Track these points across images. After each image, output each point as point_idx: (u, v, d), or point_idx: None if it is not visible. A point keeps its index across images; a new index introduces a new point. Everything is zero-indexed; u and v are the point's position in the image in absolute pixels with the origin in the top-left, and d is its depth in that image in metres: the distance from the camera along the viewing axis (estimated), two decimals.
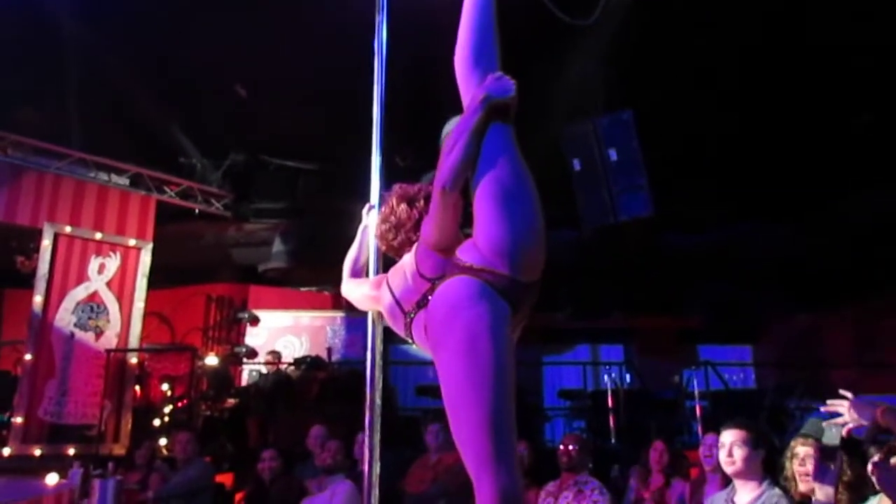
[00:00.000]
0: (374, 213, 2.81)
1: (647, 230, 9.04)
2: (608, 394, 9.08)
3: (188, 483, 5.84)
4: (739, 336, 14.24)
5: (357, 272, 2.95)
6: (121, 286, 9.27)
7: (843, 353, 12.30)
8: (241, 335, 12.44)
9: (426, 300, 2.32)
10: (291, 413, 8.83)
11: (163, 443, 8.13)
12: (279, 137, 10.17)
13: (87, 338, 8.88)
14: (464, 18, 2.48)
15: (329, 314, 12.79)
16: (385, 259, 2.77)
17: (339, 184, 9.64)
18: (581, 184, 7.71)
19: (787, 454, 3.32)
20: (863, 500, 2.94)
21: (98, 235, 9.17)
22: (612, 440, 8.69)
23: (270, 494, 5.65)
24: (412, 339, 2.44)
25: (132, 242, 9.45)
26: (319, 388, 9.74)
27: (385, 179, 2.91)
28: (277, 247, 11.05)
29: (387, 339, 2.83)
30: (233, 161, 10.71)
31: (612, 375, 9.55)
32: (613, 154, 7.32)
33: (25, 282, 9.03)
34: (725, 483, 3.75)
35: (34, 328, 8.53)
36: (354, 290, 2.84)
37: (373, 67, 2.94)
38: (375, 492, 2.58)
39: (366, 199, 2.93)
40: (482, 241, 2.19)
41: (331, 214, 8.95)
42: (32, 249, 8.91)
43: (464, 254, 2.24)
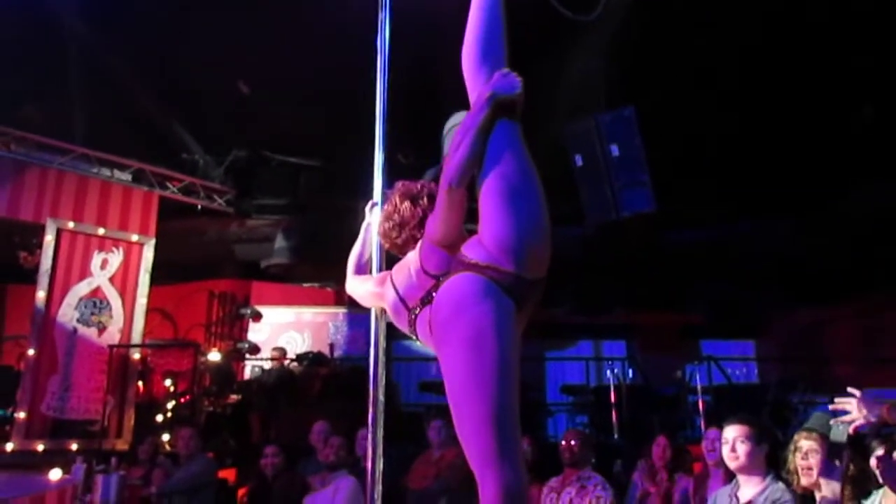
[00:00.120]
0: (377, 211, 2.81)
1: (650, 226, 9.04)
2: (611, 389, 9.06)
3: (191, 478, 5.86)
4: (742, 331, 14.23)
5: (361, 269, 2.94)
6: (123, 282, 9.28)
7: (846, 348, 12.30)
8: (244, 331, 12.46)
9: (430, 297, 2.32)
10: (294, 409, 8.84)
11: (166, 438, 8.16)
12: (281, 134, 10.16)
13: (90, 333, 8.89)
14: (472, 16, 2.47)
15: (331, 310, 12.81)
16: (388, 256, 2.77)
17: (342, 180, 9.65)
18: (583, 180, 7.71)
19: (791, 447, 3.32)
20: (866, 495, 2.94)
21: (101, 231, 9.18)
22: (615, 435, 8.68)
23: (273, 490, 5.66)
24: (416, 336, 2.44)
25: (135, 238, 9.45)
26: (322, 385, 9.75)
27: (387, 176, 2.91)
28: (280, 243, 11.05)
29: (389, 336, 2.84)
30: (235, 157, 10.70)
31: (615, 371, 9.54)
32: (615, 150, 7.31)
33: (28, 277, 9.04)
34: (729, 477, 3.76)
35: (37, 323, 8.54)
36: (359, 287, 2.84)
37: (375, 65, 2.94)
38: (378, 488, 2.59)
39: (368, 196, 2.93)
40: (487, 238, 2.19)
41: (333, 211, 8.97)
42: (35, 245, 8.92)
43: (469, 250, 2.23)
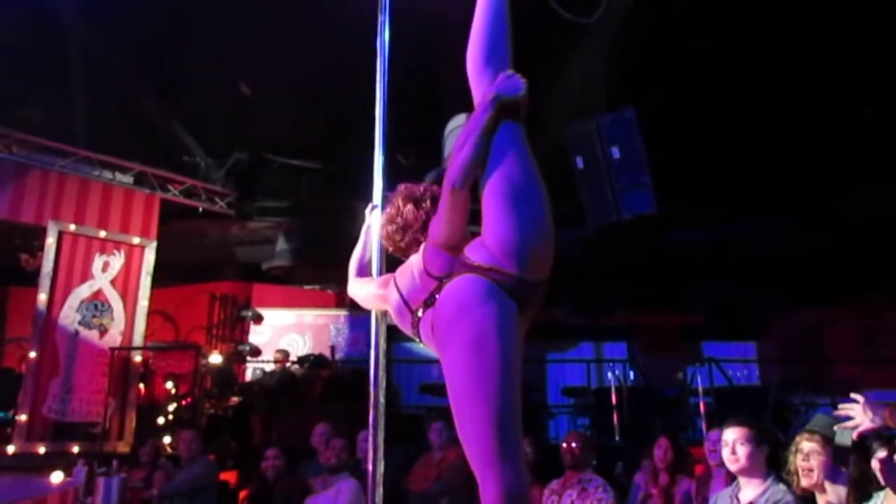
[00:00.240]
0: (377, 213, 2.81)
1: (651, 228, 9.04)
2: (612, 391, 9.05)
3: (192, 481, 5.86)
4: (743, 332, 14.22)
5: (362, 272, 2.94)
6: (125, 284, 9.29)
7: (847, 349, 12.29)
8: (245, 333, 12.46)
9: (433, 299, 2.32)
10: (295, 411, 8.83)
11: (167, 440, 8.15)
12: (282, 136, 10.17)
13: (92, 336, 8.90)
14: (477, 17, 2.46)
15: (332, 312, 12.81)
16: (389, 259, 2.76)
17: (342, 182, 9.65)
18: (584, 182, 7.70)
19: (792, 448, 3.32)
20: (868, 497, 2.94)
21: (102, 233, 9.20)
22: (616, 437, 8.67)
23: (274, 493, 5.65)
24: (419, 338, 2.44)
25: (136, 240, 9.47)
26: (323, 387, 9.75)
27: (387, 178, 2.91)
28: (281, 245, 11.05)
29: (390, 338, 2.83)
30: (236, 160, 10.71)
31: (616, 372, 9.52)
32: (616, 152, 7.31)
33: (30, 280, 9.06)
34: (731, 478, 3.75)
35: (38, 326, 8.55)
36: (360, 290, 2.83)
37: (375, 67, 2.94)
38: (379, 490, 2.59)
39: (369, 198, 2.93)
40: (490, 240, 2.18)
41: (334, 213, 8.97)
42: (37, 247, 8.93)
43: (472, 252, 2.23)
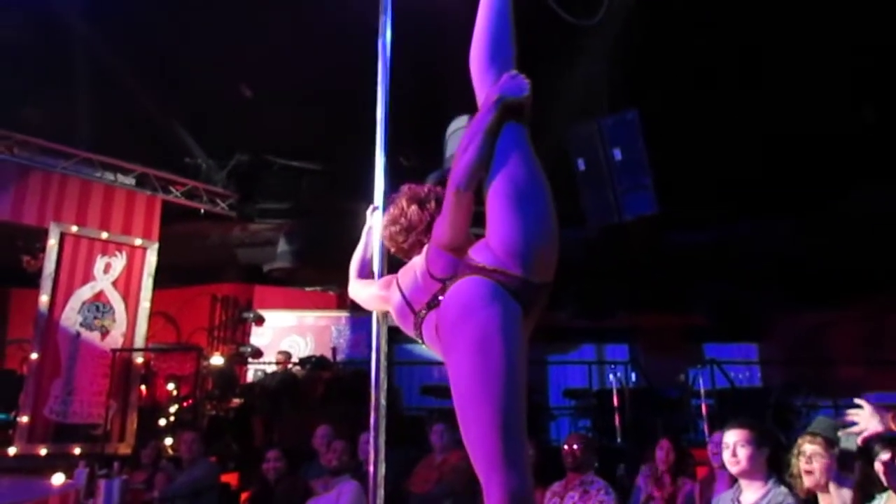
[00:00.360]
0: (379, 214, 2.80)
1: (652, 229, 9.03)
2: (613, 393, 9.04)
3: (193, 483, 5.86)
4: (745, 334, 14.19)
5: (364, 273, 2.93)
6: (126, 286, 9.30)
7: (849, 350, 12.27)
8: (247, 335, 12.46)
9: (437, 300, 2.30)
10: (296, 413, 8.83)
11: (168, 442, 8.15)
12: (284, 138, 10.17)
13: (93, 337, 8.91)
14: (479, 17, 2.45)
15: (334, 314, 12.80)
16: (391, 260, 2.75)
17: (344, 184, 9.65)
18: (586, 183, 7.70)
19: (794, 451, 3.31)
20: (871, 498, 2.94)
21: (104, 235, 9.21)
22: (618, 439, 8.66)
23: (275, 495, 5.64)
24: (421, 339, 2.42)
25: (138, 242, 9.48)
26: (324, 388, 9.75)
27: (389, 180, 2.90)
28: (282, 247, 11.06)
29: (391, 339, 2.83)
30: (238, 161, 10.73)
31: (618, 374, 9.50)
32: (618, 154, 7.30)
33: (31, 281, 9.07)
34: (734, 480, 3.74)
35: (40, 327, 8.56)
36: (362, 291, 2.82)
37: (376, 68, 2.94)
38: (381, 492, 2.58)
39: (370, 200, 2.92)
40: (495, 242, 2.17)
41: (335, 214, 8.96)
42: (38, 249, 8.94)
43: (476, 254, 2.21)
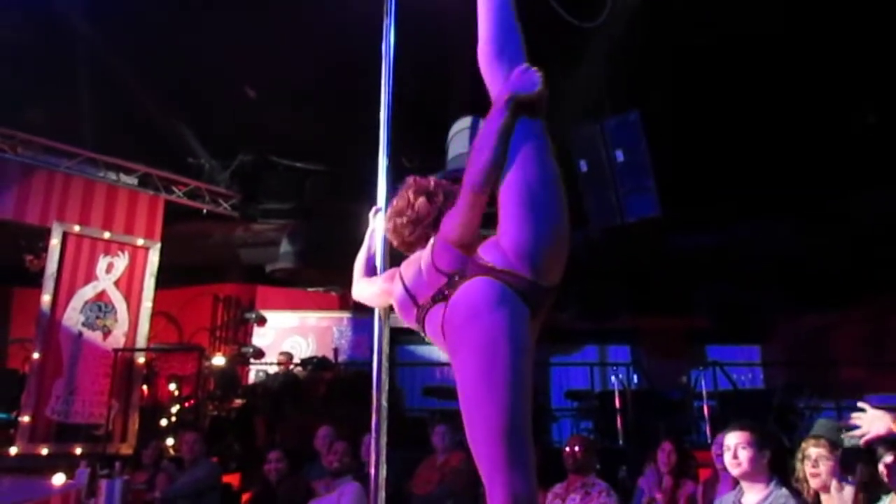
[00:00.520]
0: (381, 216, 2.79)
1: (655, 231, 9.01)
2: (615, 394, 9.03)
3: (195, 483, 5.86)
4: (747, 336, 14.15)
5: (368, 275, 2.90)
6: (129, 285, 9.30)
7: (852, 352, 12.24)
8: (249, 335, 12.45)
9: (441, 294, 2.29)
10: (298, 413, 8.83)
11: (170, 442, 8.15)
12: (287, 138, 10.17)
13: (95, 337, 8.91)
14: (481, 13, 2.40)
15: (336, 315, 12.79)
16: (394, 261, 2.74)
17: (347, 185, 9.66)
18: (588, 185, 7.69)
19: (798, 456, 3.30)
20: (876, 500, 2.93)
21: (106, 235, 9.21)
22: (620, 441, 8.65)
23: (277, 496, 5.64)
24: (423, 332, 2.41)
25: (140, 242, 9.48)
26: (326, 389, 9.75)
27: (392, 181, 2.89)
28: (285, 247, 11.05)
29: (393, 341, 2.82)
30: (241, 161, 10.73)
31: (620, 376, 9.47)
32: (620, 155, 7.29)
33: (34, 280, 9.07)
34: (737, 482, 3.74)
35: (42, 327, 8.57)
36: (366, 289, 2.79)
37: (380, 69, 2.93)
38: (382, 494, 2.58)
39: (373, 201, 2.92)
40: (506, 243, 2.15)
41: (338, 215, 8.96)
42: (41, 248, 8.95)
43: (486, 253, 2.20)
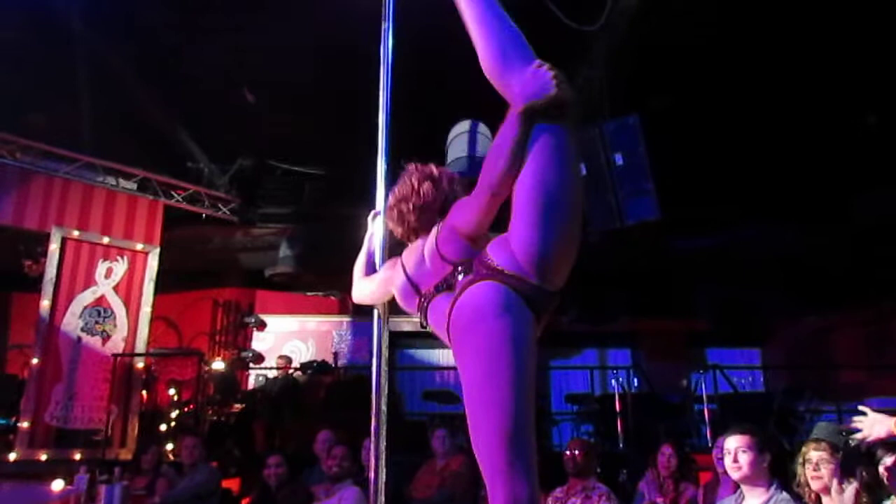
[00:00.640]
0: (380, 220, 2.78)
1: (654, 234, 9.01)
2: (616, 398, 9.02)
3: (195, 488, 5.85)
4: (748, 339, 14.18)
5: (367, 276, 2.91)
6: (128, 290, 9.29)
7: (853, 356, 12.26)
8: (248, 340, 12.45)
9: (446, 284, 2.29)
10: (298, 418, 8.82)
11: (169, 447, 8.14)
12: (286, 142, 10.17)
13: (94, 342, 8.89)
14: (471, 30, 2.26)
15: (335, 319, 12.80)
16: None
17: (346, 189, 9.64)
18: (587, 188, 7.68)
19: (799, 460, 3.29)
20: (878, 503, 2.92)
21: (106, 240, 9.20)
22: (620, 444, 8.64)
23: (276, 501, 5.63)
24: (425, 321, 2.40)
25: (140, 247, 9.47)
26: (326, 393, 9.75)
27: (391, 185, 2.88)
28: (284, 251, 11.05)
29: (393, 345, 2.81)
30: (240, 166, 10.72)
31: (620, 379, 9.46)
32: (619, 159, 7.29)
33: (33, 286, 9.06)
34: (738, 485, 3.73)
35: (41, 332, 8.55)
36: (366, 286, 2.76)
37: (379, 72, 2.92)
38: (381, 498, 2.57)
39: (372, 205, 2.91)
40: (517, 246, 2.10)
41: (337, 220, 8.95)
42: (40, 253, 8.94)
43: (495, 253, 2.16)
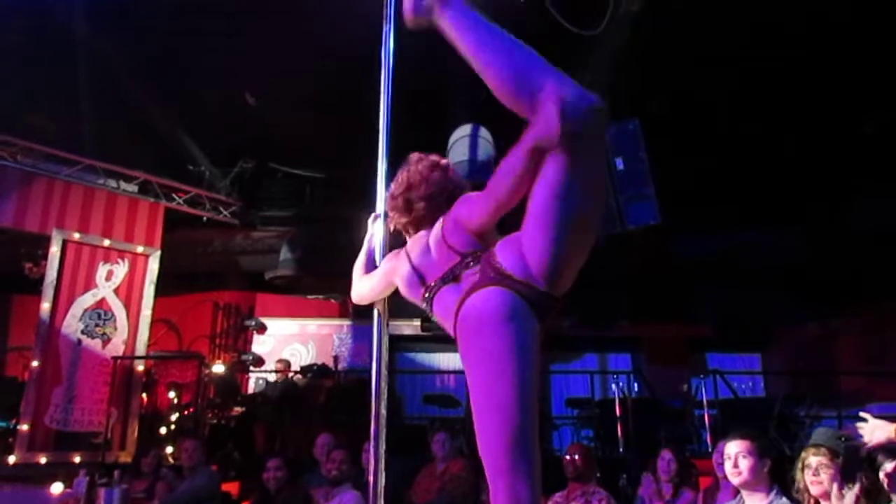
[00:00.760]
0: (380, 222, 2.78)
1: (655, 238, 9.01)
2: (616, 402, 9.00)
3: (194, 491, 5.84)
4: (748, 344, 14.17)
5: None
6: (128, 293, 9.29)
7: (853, 361, 12.25)
8: (248, 343, 12.44)
9: (453, 274, 2.29)
10: (298, 421, 8.81)
11: (169, 450, 8.13)
12: (287, 145, 10.18)
13: (95, 345, 8.89)
14: (469, 54, 2.11)
15: (336, 322, 12.77)
16: None
17: (347, 192, 9.66)
18: None
19: (799, 465, 3.28)
20: None
21: (106, 242, 9.20)
22: (621, 449, 8.62)
23: None
24: (430, 313, 2.39)
25: (140, 249, 9.47)
26: (326, 397, 9.74)
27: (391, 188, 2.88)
28: (285, 254, 11.03)
29: (393, 348, 2.81)
30: (241, 169, 10.73)
31: (620, 384, 9.45)
32: (620, 163, 7.30)
33: (33, 288, 9.06)
34: (738, 491, 3.72)
35: (41, 335, 8.54)
36: (367, 283, 2.73)
37: (380, 75, 2.92)
38: (381, 502, 2.56)
39: (372, 208, 2.90)
40: (530, 254, 2.07)
41: (338, 222, 8.95)
42: (41, 256, 8.94)
43: (504, 257, 2.13)
